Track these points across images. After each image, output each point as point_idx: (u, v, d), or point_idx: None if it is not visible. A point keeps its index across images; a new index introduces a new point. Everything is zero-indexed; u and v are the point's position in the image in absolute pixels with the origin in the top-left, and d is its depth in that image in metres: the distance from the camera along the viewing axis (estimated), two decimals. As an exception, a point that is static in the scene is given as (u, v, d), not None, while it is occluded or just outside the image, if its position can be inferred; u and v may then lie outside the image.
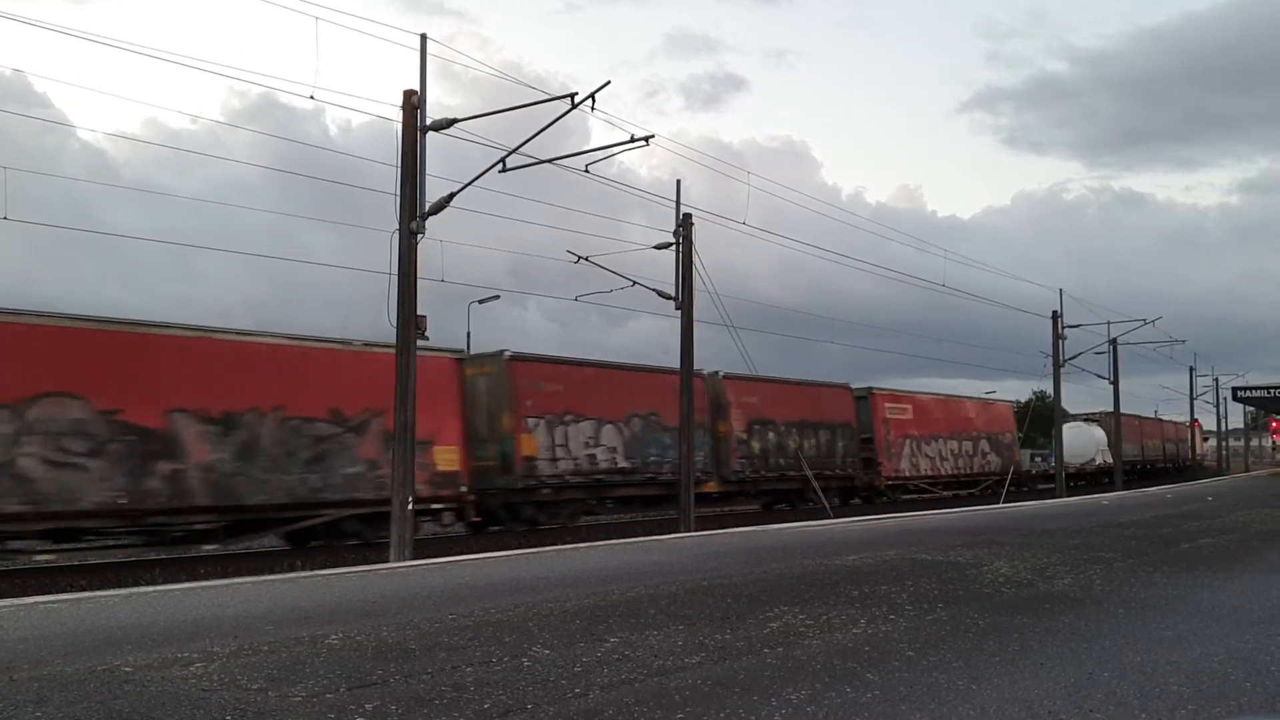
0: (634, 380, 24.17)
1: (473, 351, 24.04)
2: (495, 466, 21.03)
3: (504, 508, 21.41)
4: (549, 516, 22.13)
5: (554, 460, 21.78)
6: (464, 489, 19.66)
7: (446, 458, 19.23)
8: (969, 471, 36.97)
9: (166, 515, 16.01)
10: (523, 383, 21.55)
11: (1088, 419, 49.20)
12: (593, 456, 22.63)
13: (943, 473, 35.76)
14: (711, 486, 25.76)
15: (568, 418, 22.26)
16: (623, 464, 23.31)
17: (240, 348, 16.63)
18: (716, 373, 27.18)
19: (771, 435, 28.00)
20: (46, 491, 14.48)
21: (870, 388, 32.87)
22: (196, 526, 16.73)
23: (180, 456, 15.80)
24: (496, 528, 21.32)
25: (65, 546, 16.32)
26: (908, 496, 33.92)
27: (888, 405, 33.38)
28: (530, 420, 21.50)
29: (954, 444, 36.65)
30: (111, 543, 16.68)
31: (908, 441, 34.00)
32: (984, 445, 38.57)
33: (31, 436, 14.39)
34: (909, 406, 34.61)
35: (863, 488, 31.81)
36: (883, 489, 32.42)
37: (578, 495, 22.72)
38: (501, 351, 21.87)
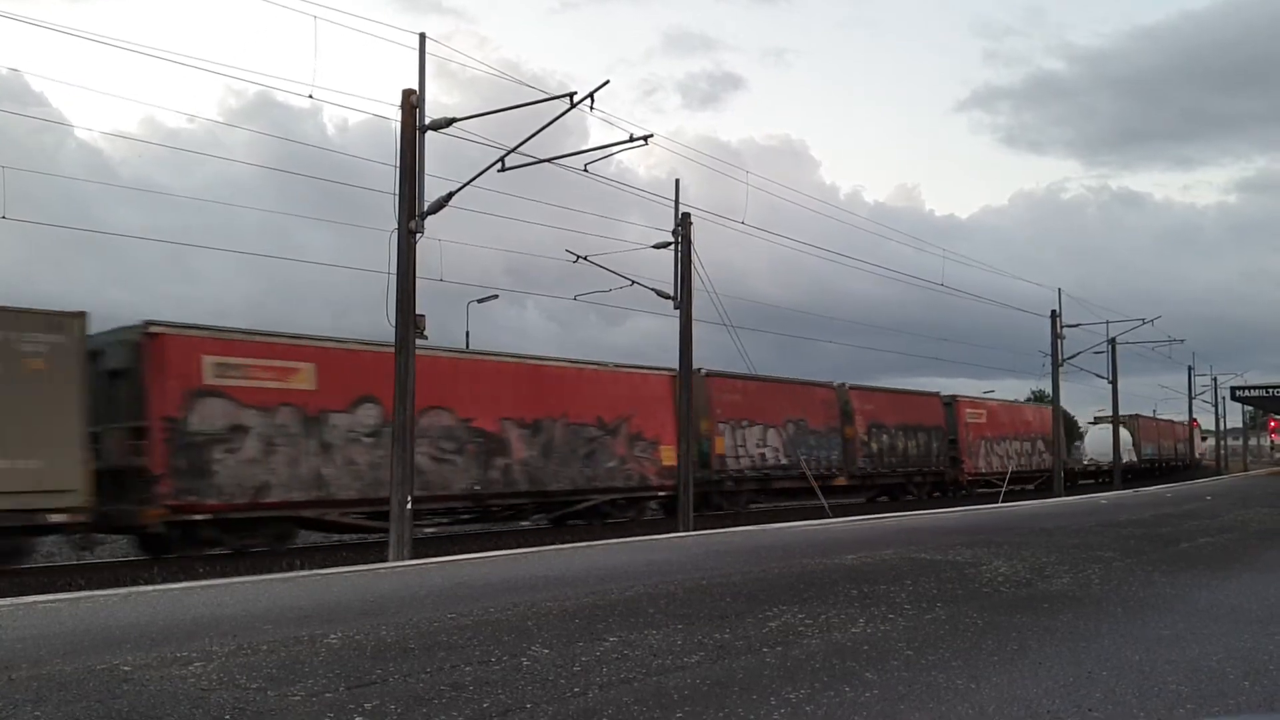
0: (788, 391, 28.95)
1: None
2: (695, 462, 24.25)
3: (700, 496, 24.40)
4: (729, 504, 25.87)
5: (736, 457, 26.05)
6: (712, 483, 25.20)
7: (668, 455, 23.62)
8: (1029, 468, 41.58)
9: (499, 498, 20.77)
10: (715, 393, 25.89)
11: (1122, 420, 51.83)
12: (763, 455, 27.15)
13: (1009, 469, 39.33)
14: (841, 481, 30.44)
15: (744, 423, 26.79)
16: (782, 461, 27.86)
17: (537, 369, 21.86)
18: (843, 384, 31.81)
19: (885, 437, 32.69)
20: (433, 480, 19.10)
21: (955, 396, 37.74)
22: (515, 507, 21.60)
23: (509, 453, 20.76)
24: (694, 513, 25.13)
25: (438, 521, 21.15)
26: (981, 490, 37.02)
27: (968, 411, 38.15)
28: (721, 425, 25.90)
29: (1017, 444, 41.35)
30: (442, 521, 21.38)
31: (983, 442, 38.70)
32: (1040, 445, 42.87)
33: (422, 440, 17.87)
34: (984, 412, 39.47)
35: (949, 483, 36.19)
36: (964, 484, 36.70)
37: (751, 486, 27.06)
38: (699, 369, 24.92)
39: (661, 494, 23.95)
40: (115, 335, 16.27)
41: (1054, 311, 38.14)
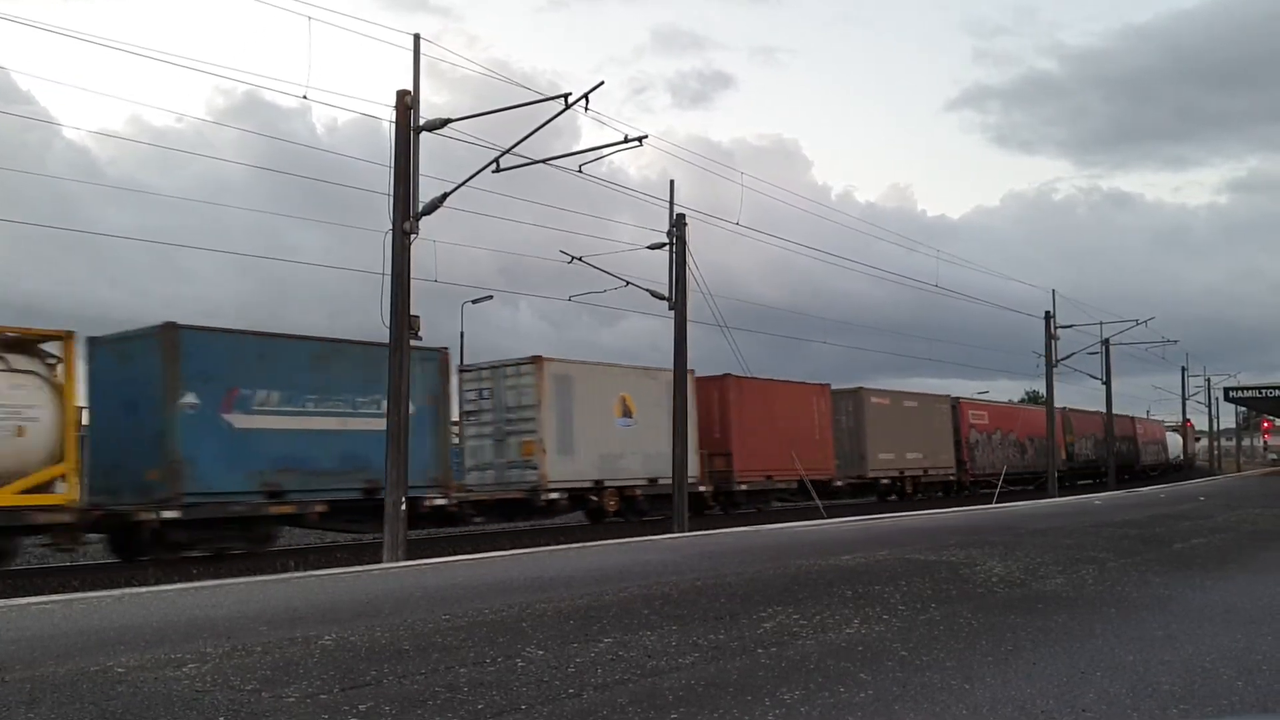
0: (1088, 416, 52.07)
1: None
2: (1066, 456, 47.21)
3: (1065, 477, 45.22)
4: (1073, 481, 47.90)
5: (1077, 455, 49.90)
6: (1067, 466, 46.89)
7: (1043, 452, 42.96)
8: (1160, 462, 63.70)
9: (1024, 472, 43.02)
10: (1071, 418, 49.37)
11: (1171, 428, 72.84)
12: (1085, 454, 50.98)
13: (1155, 463, 63.16)
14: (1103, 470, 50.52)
15: (1078, 435, 50.35)
16: (1091, 457, 50.95)
17: (1028, 410, 49.11)
18: (1099, 412, 51.33)
19: (1125, 447, 55.93)
20: (1013, 464, 41.10)
21: (1135, 417, 60.52)
22: (1022, 480, 42.37)
23: (1026, 452, 43.69)
24: (1087, 481, 49.36)
25: (982, 490, 37.15)
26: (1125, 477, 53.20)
27: (1139, 427, 61.12)
28: (1073, 435, 49.42)
29: (1156, 445, 64.68)
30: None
31: (1142, 445, 60.80)
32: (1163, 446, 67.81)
33: (1005, 447, 42.13)
34: (1143, 428, 62.69)
35: (1132, 470, 56.09)
36: (1142, 470, 57.73)
37: (1079, 470, 50.37)
38: (1062, 406, 45.68)
39: (1041, 474, 42.54)
40: (946, 403, 38.46)
41: (1048, 312, 38.31)
